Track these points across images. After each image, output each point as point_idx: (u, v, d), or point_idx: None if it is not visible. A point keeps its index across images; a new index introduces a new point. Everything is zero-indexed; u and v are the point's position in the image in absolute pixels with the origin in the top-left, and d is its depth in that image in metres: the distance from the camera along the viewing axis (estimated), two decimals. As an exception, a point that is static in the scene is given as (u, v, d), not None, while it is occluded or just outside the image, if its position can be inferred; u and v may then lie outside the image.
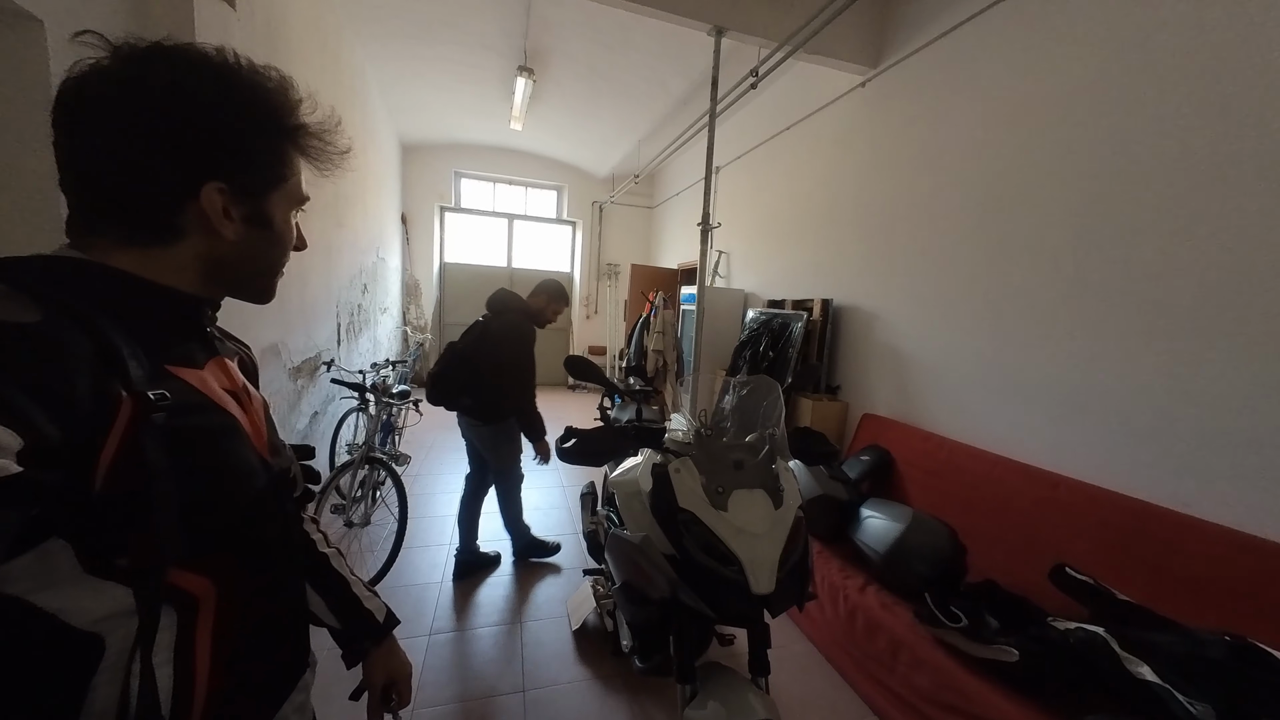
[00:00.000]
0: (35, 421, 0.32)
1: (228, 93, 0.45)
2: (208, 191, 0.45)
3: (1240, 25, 1.51)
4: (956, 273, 2.47)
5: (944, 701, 1.44)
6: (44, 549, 0.35)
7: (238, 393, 0.54)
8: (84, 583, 0.37)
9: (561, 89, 4.71)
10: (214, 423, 0.48)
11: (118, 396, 0.38)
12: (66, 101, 0.42)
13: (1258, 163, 1.47)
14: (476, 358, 2.22)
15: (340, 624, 0.70)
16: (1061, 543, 1.74)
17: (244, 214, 0.48)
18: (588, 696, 1.68)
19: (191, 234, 0.46)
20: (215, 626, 0.46)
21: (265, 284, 0.55)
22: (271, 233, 0.51)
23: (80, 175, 0.43)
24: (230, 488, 0.48)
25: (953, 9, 2.49)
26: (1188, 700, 1.15)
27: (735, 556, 0.96)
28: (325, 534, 0.76)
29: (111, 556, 0.38)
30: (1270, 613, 1.30)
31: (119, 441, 0.37)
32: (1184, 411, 1.61)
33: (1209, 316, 1.56)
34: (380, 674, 0.72)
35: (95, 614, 0.38)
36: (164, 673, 0.42)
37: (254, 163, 0.48)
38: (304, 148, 0.52)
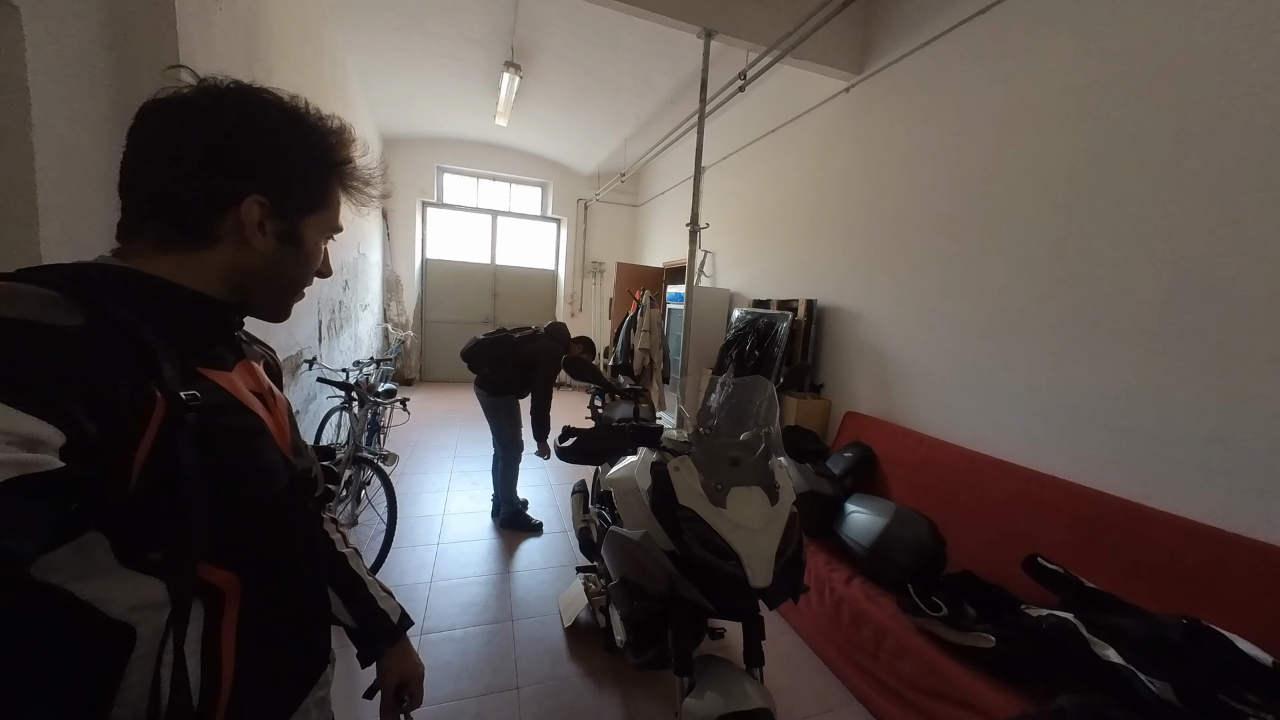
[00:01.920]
0: (77, 419, 0.34)
1: (286, 124, 0.51)
2: (249, 202, 0.48)
3: (1202, 47, 1.61)
4: (937, 275, 2.55)
5: (925, 687, 1.51)
6: (82, 541, 0.37)
7: (264, 394, 0.56)
8: (119, 574, 0.39)
9: (548, 85, 4.68)
10: (242, 423, 0.50)
11: (152, 396, 0.39)
12: (145, 115, 0.47)
13: (1213, 180, 1.57)
14: (516, 349, 2.74)
15: (356, 623, 0.72)
16: (1034, 534, 1.83)
17: (277, 230, 0.51)
18: (581, 692, 1.70)
19: (225, 241, 0.50)
20: (240, 620, 0.47)
21: (283, 301, 0.58)
22: (300, 251, 0.54)
23: (138, 178, 0.47)
24: (256, 486, 0.50)
25: (933, 20, 2.56)
26: (1149, 679, 1.23)
27: (734, 551, 0.99)
28: (344, 534, 0.78)
29: (145, 550, 0.40)
30: (1222, 597, 1.40)
31: (153, 439, 0.39)
32: (1146, 411, 1.71)
33: (1169, 323, 1.66)
34: (394, 674, 0.74)
35: (128, 604, 0.40)
36: (192, 663, 0.43)
37: (296, 186, 0.52)
38: (346, 185, 0.57)
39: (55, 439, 0.32)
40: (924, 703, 1.50)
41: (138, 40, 1.31)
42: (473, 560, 2.49)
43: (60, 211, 1.07)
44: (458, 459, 3.96)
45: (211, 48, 1.68)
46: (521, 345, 2.74)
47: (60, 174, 1.07)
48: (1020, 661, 1.40)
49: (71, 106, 1.10)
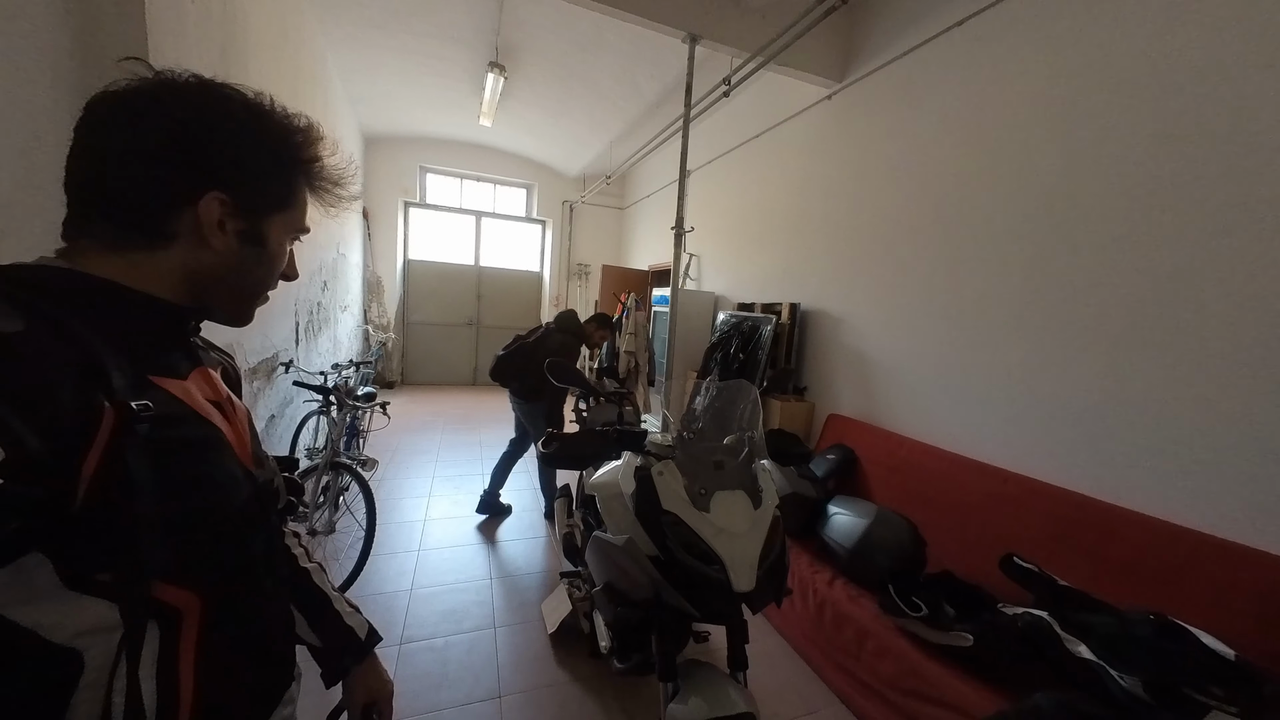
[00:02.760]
0: (16, 433, 0.32)
1: (249, 119, 0.49)
2: (208, 200, 0.46)
3: (1164, 65, 1.67)
4: (917, 281, 2.60)
5: (906, 687, 1.52)
6: (21, 564, 0.35)
7: (221, 403, 0.54)
8: (63, 597, 0.37)
9: (533, 86, 4.66)
10: (197, 434, 0.48)
11: (100, 407, 0.37)
12: (94, 108, 0.44)
13: (1177, 193, 1.63)
14: (533, 353, 2.81)
15: (321, 641, 0.69)
16: (1010, 534, 1.87)
17: (239, 229, 0.49)
18: (565, 699, 1.68)
19: (181, 241, 0.47)
20: (199, 640, 0.45)
21: (244, 305, 0.55)
22: (263, 252, 0.52)
23: (86, 174, 0.45)
24: (214, 500, 0.47)
25: (912, 31, 2.62)
26: (1119, 674, 1.26)
27: (717, 556, 0.99)
28: (307, 548, 0.75)
29: (93, 570, 0.38)
30: (1187, 593, 1.45)
31: (101, 453, 0.36)
32: (1116, 414, 1.77)
33: (1137, 330, 1.72)
34: (361, 693, 0.71)
35: (74, 629, 0.37)
36: (148, 688, 0.41)
37: (260, 184, 0.50)
38: (313, 185, 0.55)
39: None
40: (904, 702, 1.52)
41: (105, 30, 1.27)
42: (455, 567, 2.45)
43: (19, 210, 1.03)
44: (440, 463, 3.90)
45: (183, 38, 1.63)
46: (537, 349, 2.82)
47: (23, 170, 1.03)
48: (997, 659, 1.43)
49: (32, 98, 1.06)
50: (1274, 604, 1.31)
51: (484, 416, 5.59)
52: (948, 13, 2.41)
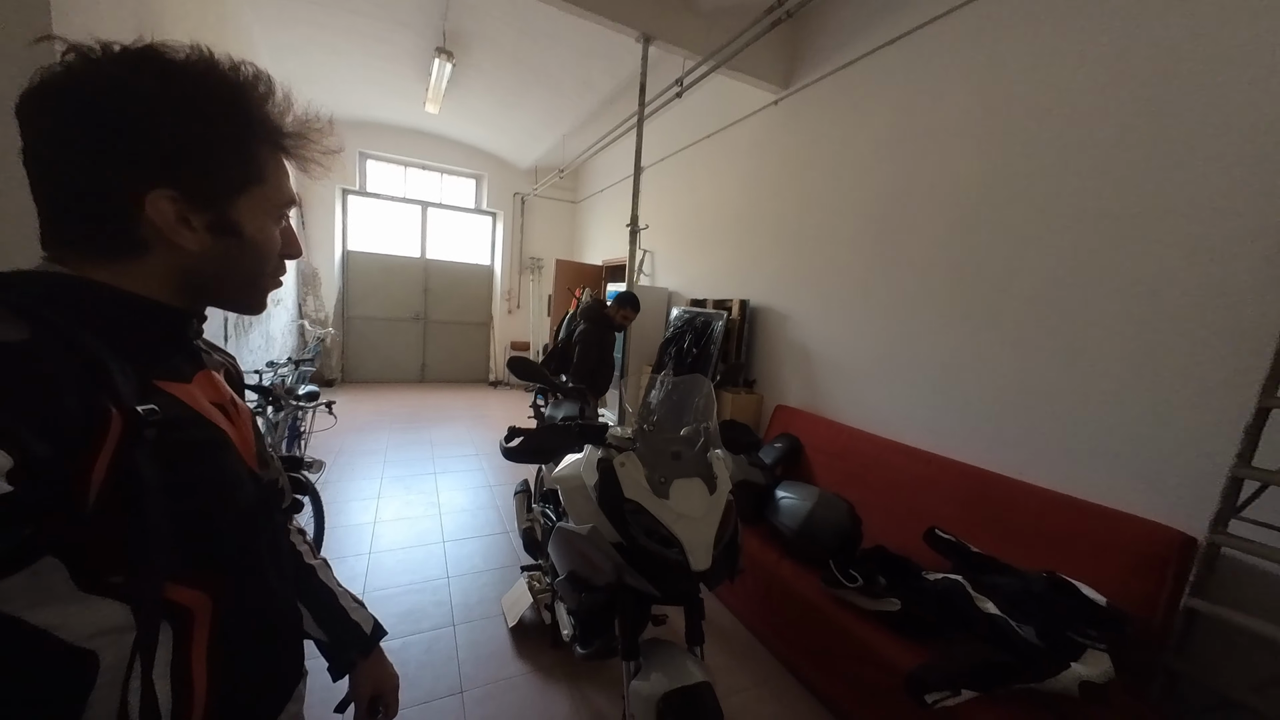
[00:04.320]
0: (25, 440, 0.32)
1: (176, 91, 0.41)
2: (154, 199, 0.41)
3: (1071, 93, 1.90)
4: (855, 279, 2.80)
5: (845, 651, 1.68)
6: (37, 568, 0.36)
7: (225, 405, 0.54)
8: (78, 600, 0.38)
9: (483, 75, 4.54)
10: (204, 437, 0.48)
11: (107, 413, 0.37)
12: (24, 109, 0.40)
13: (1074, 207, 1.87)
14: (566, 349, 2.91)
15: (327, 636, 0.70)
16: (933, 509, 2.08)
17: (207, 222, 0.44)
18: (528, 689, 1.71)
19: (155, 246, 0.44)
20: (211, 639, 0.46)
21: (249, 296, 0.52)
22: (242, 241, 0.47)
23: (39, 188, 0.42)
24: (221, 501, 0.48)
25: (850, 46, 2.80)
26: (1018, 625, 1.46)
27: (676, 539, 1.06)
28: (311, 545, 0.76)
29: (106, 573, 0.39)
30: (1074, 552, 1.68)
31: (110, 458, 0.37)
32: (1020, 399, 2.01)
33: (1037, 326, 1.96)
34: (367, 686, 0.72)
35: (89, 630, 0.38)
36: (162, 686, 0.42)
37: (212, 165, 0.43)
38: (284, 147, 0.48)
39: (2, 463, 0.31)
40: (844, 666, 1.67)
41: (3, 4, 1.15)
42: (409, 568, 2.40)
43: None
44: (389, 464, 3.76)
45: (94, 9, 1.49)
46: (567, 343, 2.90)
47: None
48: (920, 620, 1.60)
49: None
50: (1134, 556, 1.55)
51: (433, 415, 5.42)
52: (882, 30, 2.59)
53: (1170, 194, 1.62)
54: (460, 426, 5.05)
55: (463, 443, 4.48)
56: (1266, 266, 1.43)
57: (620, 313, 2.96)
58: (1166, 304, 1.62)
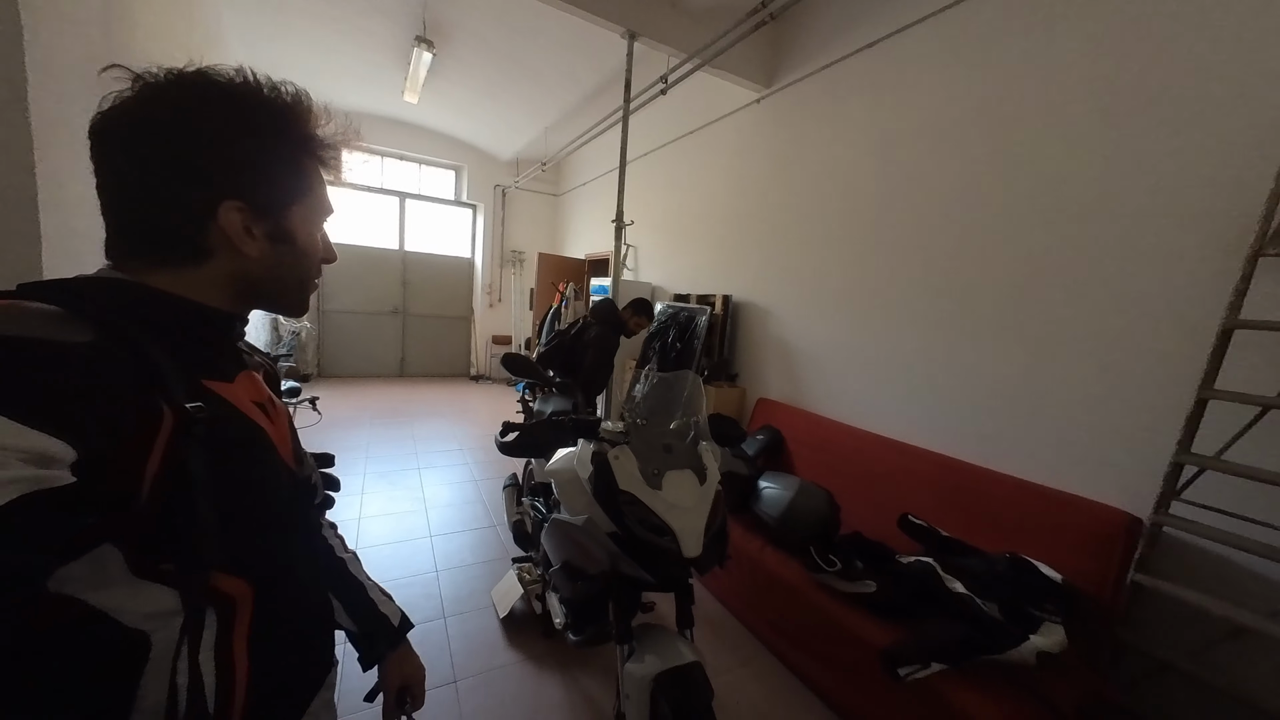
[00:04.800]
0: (87, 434, 0.35)
1: (236, 113, 0.46)
2: (225, 210, 0.46)
3: (1036, 102, 2.01)
4: (833, 276, 2.89)
5: (824, 632, 1.77)
6: (96, 554, 0.39)
7: (264, 404, 0.56)
8: (132, 584, 0.41)
9: (464, 66, 4.47)
10: (246, 434, 0.51)
11: (160, 410, 0.40)
12: (95, 137, 0.44)
13: (1036, 213, 1.98)
14: (572, 348, 2.80)
15: (358, 627, 0.72)
16: (907, 497, 2.19)
17: (266, 231, 0.49)
18: (521, 677, 1.75)
19: (218, 254, 0.48)
20: (251, 626, 0.49)
21: (296, 299, 0.56)
22: (295, 247, 0.52)
23: (112, 203, 0.46)
24: (262, 496, 0.51)
25: (830, 48, 2.87)
26: (983, 602, 1.56)
27: (669, 528, 1.12)
28: (342, 539, 0.79)
29: (157, 561, 0.42)
30: (1033, 534, 1.80)
31: (162, 453, 0.40)
32: (986, 393, 2.13)
33: (1003, 323, 2.07)
34: (395, 676, 0.75)
35: (142, 613, 0.41)
36: (207, 669, 0.45)
37: (269, 179, 0.49)
38: (322, 159, 0.53)
39: (66, 455, 0.33)
40: (822, 646, 1.76)
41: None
42: (396, 563, 2.41)
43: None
44: (371, 459, 3.73)
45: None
46: (575, 342, 2.82)
47: None
48: (895, 600, 1.70)
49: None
50: (1086, 536, 1.68)
51: (415, 410, 5.37)
52: (861, 34, 2.67)
53: (1121, 202, 1.73)
54: (443, 421, 5.02)
55: (446, 438, 4.46)
56: (1205, 270, 1.55)
57: (634, 320, 2.95)
58: (1118, 305, 1.74)
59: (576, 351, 2.74)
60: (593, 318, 2.87)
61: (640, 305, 2.94)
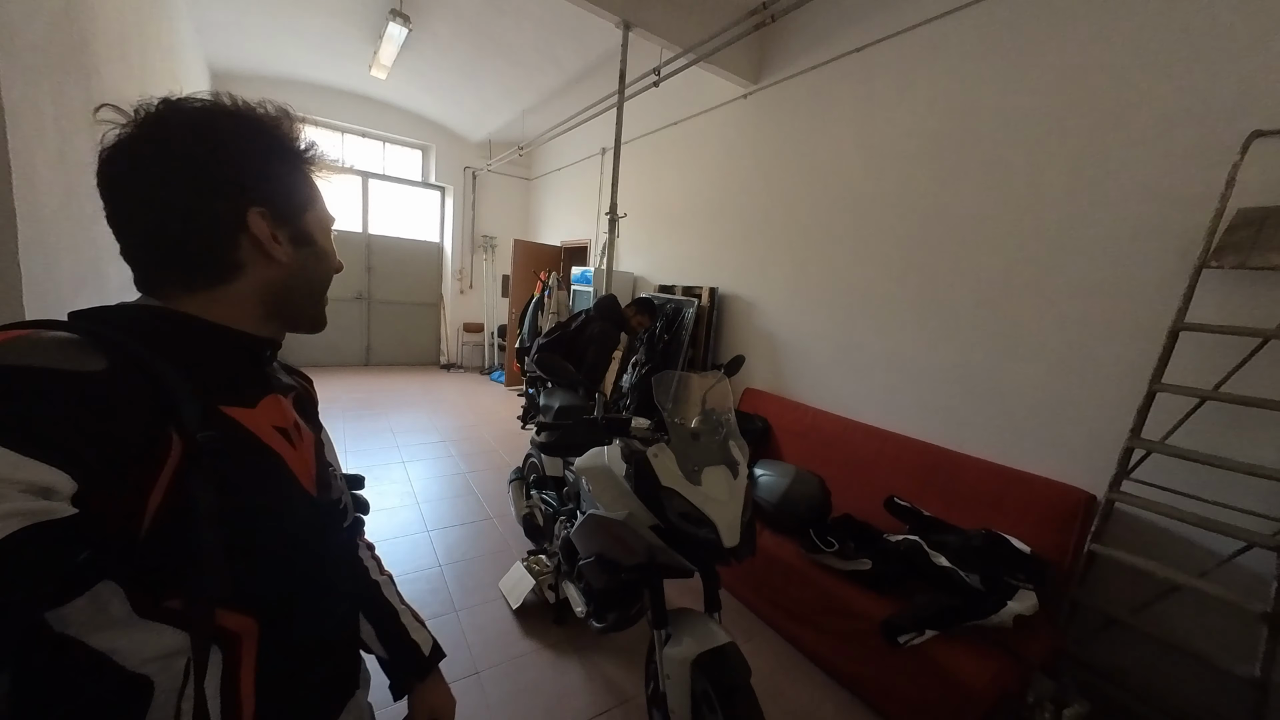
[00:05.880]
0: (90, 465, 0.34)
1: (246, 127, 0.48)
2: (253, 217, 0.47)
3: (1009, 115, 2.17)
4: (818, 270, 3.03)
5: (823, 607, 1.92)
6: (97, 592, 0.37)
7: (288, 430, 0.55)
8: (135, 625, 0.39)
9: (438, 42, 4.27)
10: (260, 463, 0.49)
11: (169, 440, 0.39)
12: (107, 174, 0.44)
13: (1004, 220, 2.15)
14: (573, 342, 2.80)
15: (388, 654, 0.71)
16: (890, 480, 2.38)
17: (290, 235, 0.51)
18: (540, 664, 1.81)
19: (250, 265, 0.49)
20: (258, 663, 0.47)
21: (317, 308, 0.57)
22: (317, 249, 0.54)
23: (136, 234, 0.46)
24: (271, 528, 0.49)
25: (817, 50, 2.95)
26: (965, 574, 1.75)
27: (710, 520, 1.19)
28: (379, 560, 0.77)
29: (161, 598, 0.40)
30: (1005, 511, 2.00)
31: (168, 484, 0.39)
32: (961, 382, 2.32)
33: (975, 318, 2.26)
34: (424, 709, 0.72)
35: (145, 655, 0.39)
36: (213, 706, 0.43)
37: (286, 185, 0.51)
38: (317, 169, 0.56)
39: (66, 486, 0.32)
40: (822, 620, 1.92)
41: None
42: (397, 559, 2.39)
43: None
44: (350, 453, 3.62)
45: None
46: (577, 337, 2.81)
47: None
48: (888, 576, 1.87)
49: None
50: (1050, 511, 1.89)
51: (386, 401, 5.21)
52: (848, 39, 2.76)
53: (1082, 210, 1.93)
54: (419, 412, 4.90)
55: (426, 429, 4.37)
56: (1153, 277, 1.76)
57: (637, 318, 2.99)
58: (1079, 304, 1.94)
59: (578, 346, 2.75)
60: (595, 313, 2.87)
61: (644, 304, 3.04)
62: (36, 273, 1.29)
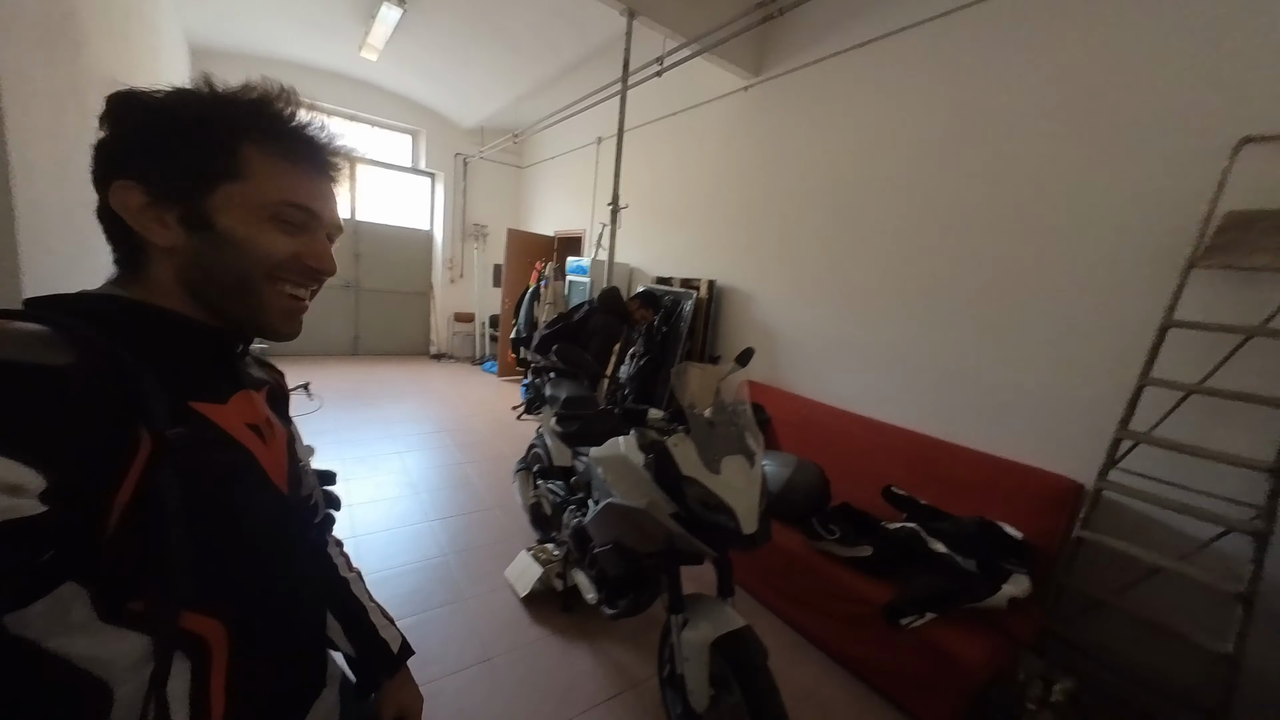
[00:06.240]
0: (58, 462, 0.33)
1: (159, 104, 0.45)
2: (115, 190, 0.44)
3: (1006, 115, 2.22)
4: (815, 263, 3.07)
5: (825, 591, 1.98)
6: (59, 595, 0.36)
7: (259, 425, 0.54)
8: (97, 630, 0.38)
9: (433, 26, 4.17)
10: (229, 459, 0.48)
11: (138, 436, 0.38)
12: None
13: (1000, 208, 2.21)
14: (576, 333, 2.79)
15: (355, 652, 0.69)
16: (886, 470, 2.45)
17: (179, 216, 0.45)
18: (550, 650, 1.84)
19: (151, 252, 0.46)
20: (229, 668, 0.45)
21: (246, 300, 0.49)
22: (215, 234, 0.46)
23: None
24: (242, 525, 0.48)
25: (821, 44, 2.97)
26: (962, 559, 1.82)
27: (730, 508, 1.23)
28: (347, 557, 0.76)
29: (124, 600, 0.39)
30: (997, 499, 2.08)
31: (135, 481, 0.38)
32: (955, 375, 2.39)
33: (970, 313, 2.33)
34: (391, 707, 0.71)
35: (106, 661, 0.38)
36: (178, 712, 0.41)
37: (178, 159, 0.45)
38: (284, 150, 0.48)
39: (35, 484, 0.32)
40: (824, 604, 1.98)
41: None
42: (399, 549, 2.39)
43: None
44: (344, 444, 3.58)
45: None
46: (579, 328, 2.81)
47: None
48: (888, 562, 1.94)
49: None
50: (1038, 500, 1.98)
51: (377, 390, 5.14)
52: (852, 33, 2.78)
53: (1076, 209, 1.99)
54: (412, 403, 4.86)
55: (420, 419, 4.33)
56: (1141, 275, 1.83)
57: (641, 311, 3.02)
58: (1071, 302, 2.02)
59: (580, 338, 2.77)
60: (598, 305, 2.88)
61: (648, 297, 3.08)
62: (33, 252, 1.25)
